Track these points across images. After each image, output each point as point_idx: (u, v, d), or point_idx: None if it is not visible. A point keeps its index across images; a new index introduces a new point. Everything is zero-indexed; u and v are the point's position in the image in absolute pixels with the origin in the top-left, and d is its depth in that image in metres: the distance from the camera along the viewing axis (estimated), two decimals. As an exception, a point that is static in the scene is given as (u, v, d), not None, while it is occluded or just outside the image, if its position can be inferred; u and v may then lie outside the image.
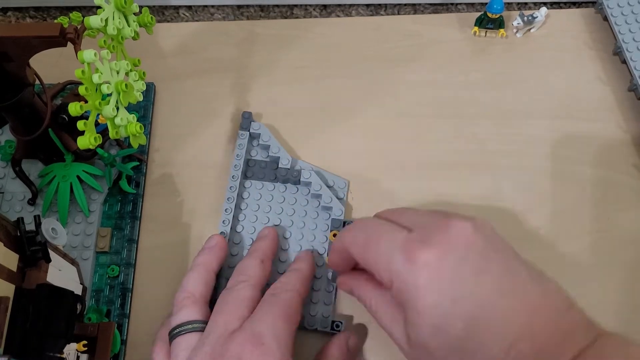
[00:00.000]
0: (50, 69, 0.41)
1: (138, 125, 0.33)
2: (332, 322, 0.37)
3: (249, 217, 0.41)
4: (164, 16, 0.56)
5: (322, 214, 0.41)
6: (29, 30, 0.32)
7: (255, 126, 0.44)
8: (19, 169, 0.42)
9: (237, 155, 0.42)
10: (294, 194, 0.42)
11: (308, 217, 0.41)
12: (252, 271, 0.35)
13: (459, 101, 0.47)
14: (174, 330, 0.33)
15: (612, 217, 0.42)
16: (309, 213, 0.41)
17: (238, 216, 0.41)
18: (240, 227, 0.41)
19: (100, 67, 0.30)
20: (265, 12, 0.56)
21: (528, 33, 0.51)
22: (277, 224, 0.41)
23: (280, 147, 0.43)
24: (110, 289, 0.39)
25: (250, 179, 0.42)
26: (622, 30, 0.48)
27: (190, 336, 0.32)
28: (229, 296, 0.33)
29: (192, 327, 0.32)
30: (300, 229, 0.40)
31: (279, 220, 0.41)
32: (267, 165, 0.43)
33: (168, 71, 0.49)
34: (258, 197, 0.42)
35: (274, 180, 0.42)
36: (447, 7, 0.55)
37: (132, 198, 0.43)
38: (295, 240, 0.40)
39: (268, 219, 0.41)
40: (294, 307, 0.33)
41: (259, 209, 0.41)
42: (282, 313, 0.32)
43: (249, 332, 0.30)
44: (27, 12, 0.56)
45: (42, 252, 0.31)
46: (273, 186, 0.42)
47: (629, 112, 0.46)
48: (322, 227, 0.40)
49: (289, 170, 0.41)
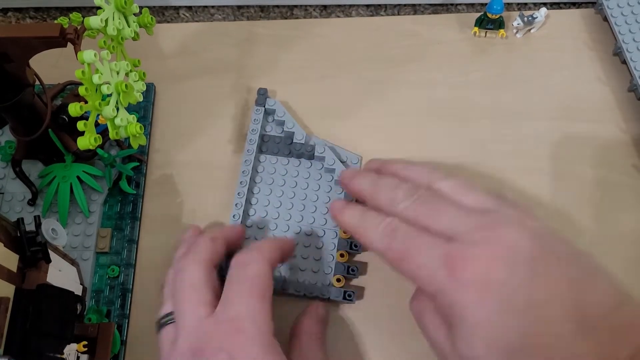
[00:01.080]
0: (50, 69, 0.41)
1: (138, 126, 0.33)
2: (344, 292, 0.37)
3: (263, 191, 0.42)
4: (164, 17, 0.56)
5: (335, 188, 0.41)
6: (29, 30, 0.32)
7: (270, 102, 0.44)
8: (19, 169, 0.42)
9: (252, 130, 0.43)
10: (307, 168, 0.42)
11: (321, 191, 0.41)
12: (200, 248, 0.32)
13: (458, 101, 0.47)
14: (158, 322, 0.32)
15: (612, 217, 0.42)
16: (322, 187, 0.42)
17: (253, 189, 0.42)
18: (255, 199, 0.42)
19: (100, 67, 0.30)
20: (265, 13, 0.56)
21: (528, 33, 0.51)
22: (291, 197, 0.41)
23: (294, 122, 0.43)
24: (110, 290, 0.39)
25: (265, 154, 0.43)
26: (622, 30, 0.48)
27: (170, 328, 0.31)
28: (179, 279, 0.31)
29: (171, 317, 0.32)
30: (313, 202, 0.41)
31: (292, 193, 0.41)
32: (282, 141, 0.43)
33: (168, 72, 0.49)
34: (272, 171, 0.42)
35: (288, 155, 0.43)
36: (447, 8, 0.55)
37: (132, 198, 0.43)
38: (309, 213, 0.41)
39: (282, 192, 0.41)
40: (265, 280, 0.31)
41: (273, 183, 0.42)
42: (255, 291, 0.30)
43: (225, 320, 0.29)
44: (27, 12, 0.56)
45: (42, 253, 0.31)
46: (287, 160, 0.43)
47: (629, 113, 0.46)
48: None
49: (303, 145, 0.42)
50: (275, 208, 0.41)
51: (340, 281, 0.38)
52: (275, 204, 0.41)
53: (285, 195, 0.41)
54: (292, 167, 0.43)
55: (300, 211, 0.41)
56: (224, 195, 0.43)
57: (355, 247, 0.39)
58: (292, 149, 0.43)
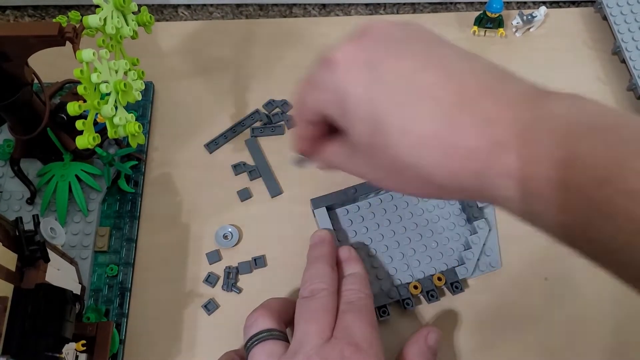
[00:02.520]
0: (49, 68, 0.41)
1: (137, 125, 0.33)
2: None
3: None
4: (162, 15, 0.56)
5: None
6: (28, 29, 0.32)
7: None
8: (18, 168, 0.42)
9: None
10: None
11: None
12: (329, 278, 0.35)
13: (458, 100, 0.47)
14: (256, 337, 0.33)
15: (611, 216, 0.42)
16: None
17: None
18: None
19: (98, 66, 0.30)
20: (264, 11, 0.56)
21: (527, 32, 0.51)
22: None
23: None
24: (109, 289, 0.39)
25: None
26: (621, 29, 0.48)
27: (273, 344, 0.32)
28: (314, 305, 0.33)
29: (274, 334, 0.33)
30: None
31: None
32: None
33: (167, 70, 0.49)
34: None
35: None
36: (447, 6, 0.55)
37: (131, 197, 0.43)
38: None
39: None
40: (371, 311, 0.33)
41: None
42: (367, 320, 0.32)
43: (345, 342, 0.30)
44: (26, 10, 0.56)
45: (40, 252, 0.31)
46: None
47: (628, 112, 0.46)
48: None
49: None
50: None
51: (417, 288, 0.39)
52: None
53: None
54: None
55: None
56: (223, 194, 0.43)
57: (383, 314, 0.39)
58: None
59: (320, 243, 0.38)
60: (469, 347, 0.38)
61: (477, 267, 0.40)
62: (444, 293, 0.40)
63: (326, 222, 0.40)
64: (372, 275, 0.40)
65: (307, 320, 0.32)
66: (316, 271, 0.35)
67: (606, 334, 0.39)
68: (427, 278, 0.39)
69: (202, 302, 0.39)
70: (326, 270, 0.35)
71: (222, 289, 0.40)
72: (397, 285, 0.39)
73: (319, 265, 0.35)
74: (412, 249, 0.41)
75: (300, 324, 0.32)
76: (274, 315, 0.34)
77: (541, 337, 0.39)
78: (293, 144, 0.32)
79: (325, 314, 0.32)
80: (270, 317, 0.33)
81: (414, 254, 0.41)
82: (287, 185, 0.44)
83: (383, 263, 0.41)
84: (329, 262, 0.36)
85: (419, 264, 0.40)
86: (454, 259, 0.41)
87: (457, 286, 0.39)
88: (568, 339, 0.38)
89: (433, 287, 0.39)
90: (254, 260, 0.41)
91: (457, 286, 0.39)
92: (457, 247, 0.41)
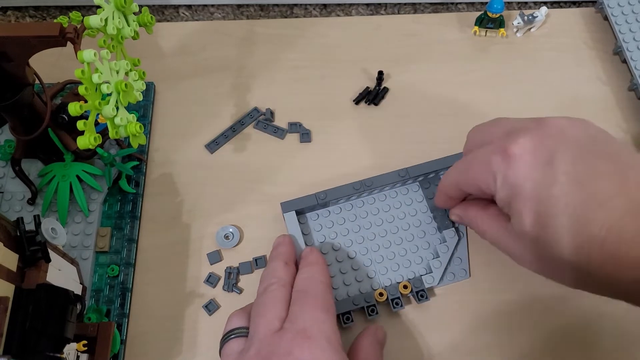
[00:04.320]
0: (50, 68, 0.41)
1: (138, 125, 0.33)
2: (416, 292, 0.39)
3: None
4: (163, 15, 0.56)
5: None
6: (29, 29, 0.32)
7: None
8: (19, 168, 0.42)
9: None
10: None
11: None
12: (280, 273, 0.35)
13: (458, 101, 0.47)
14: (223, 337, 0.33)
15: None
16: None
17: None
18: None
19: (100, 66, 0.30)
20: (265, 12, 0.56)
21: (528, 32, 0.51)
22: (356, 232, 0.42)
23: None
24: (110, 289, 0.39)
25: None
26: (622, 29, 0.48)
27: (235, 341, 0.33)
28: (263, 298, 0.33)
29: (238, 332, 0.33)
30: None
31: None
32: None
33: (168, 71, 0.49)
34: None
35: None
36: (447, 7, 0.55)
37: (132, 198, 0.43)
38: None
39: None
40: (326, 297, 0.33)
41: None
42: (318, 304, 0.32)
43: (293, 330, 0.30)
44: (27, 11, 0.56)
45: (41, 252, 0.31)
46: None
47: (629, 112, 0.46)
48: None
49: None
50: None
51: (382, 295, 0.38)
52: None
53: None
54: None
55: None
56: (224, 194, 0.43)
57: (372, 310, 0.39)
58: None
59: (277, 245, 0.38)
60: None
61: (445, 277, 0.40)
62: (410, 301, 0.39)
63: (295, 225, 0.40)
64: (339, 281, 0.40)
65: (257, 315, 0.33)
66: (269, 269, 0.36)
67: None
68: (393, 285, 0.39)
69: (203, 303, 0.39)
70: (278, 265, 0.36)
71: (223, 289, 0.40)
72: (364, 292, 0.39)
73: (272, 264, 0.36)
74: (381, 256, 0.40)
75: (254, 319, 0.33)
76: (246, 312, 0.34)
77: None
78: (435, 199, 0.38)
79: (274, 306, 0.32)
80: (239, 316, 0.34)
81: (382, 260, 0.40)
82: (287, 184, 0.44)
83: (350, 269, 0.40)
84: (282, 259, 0.36)
85: (386, 270, 0.40)
86: (422, 267, 0.40)
87: (423, 295, 0.39)
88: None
89: (399, 295, 0.38)
90: (254, 261, 0.41)
91: (422, 295, 0.39)
92: (425, 255, 0.41)
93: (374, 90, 0.47)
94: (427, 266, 0.40)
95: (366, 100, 0.47)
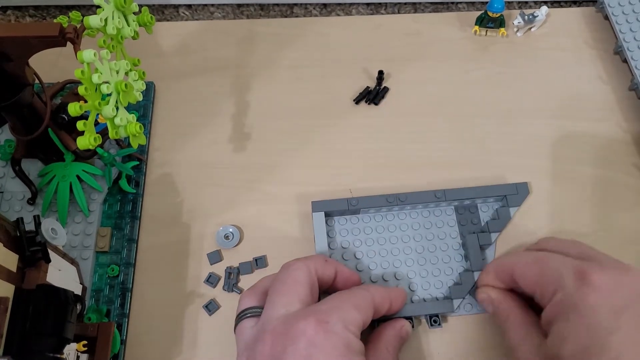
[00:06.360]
0: (50, 68, 0.41)
1: (138, 125, 0.33)
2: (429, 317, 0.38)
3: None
4: (163, 15, 0.56)
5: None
6: (28, 29, 0.32)
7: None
8: (19, 168, 0.42)
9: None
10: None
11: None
12: (313, 258, 0.34)
13: (459, 100, 0.47)
14: (238, 316, 0.33)
15: (612, 217, 0.42)
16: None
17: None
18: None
19: (99, 67, 0.30)
20: (265, 11, 0.56)
21: (529, 32, 0.51)
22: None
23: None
24: (110, 289, 0.39)
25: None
26: (622, 29, 0.48)
27: (249, 321, 0.32)
28: (284, 275, 0.33)
29: (252, 311, 0.33)
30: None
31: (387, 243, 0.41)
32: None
33: (168, 70, 0.49)
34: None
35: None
36: (448, 6, 0.55)
37: (132, 198, 0.43)
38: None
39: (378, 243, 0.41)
40: (366, 303, 0.32)
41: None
42: (353, 302, 0.31)
43: (313, 311, 0.30)
44: (27, 10, 0.56)
45: (41, 253, 0.31)
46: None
47: (629, 112, 0.46)
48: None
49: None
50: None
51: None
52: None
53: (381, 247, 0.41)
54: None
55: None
56: (224, 195, 0.43)
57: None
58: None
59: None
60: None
61: (462, 306, 0.39)
62: (420, 322, 0.38)
63: (321, 226, 0.39)
64: None
65: (274, 291, 0.32)
66: (305, 257, 0.35)
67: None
68: (408, 305, 0.38)
69: (203, 303, 0.39)
70: (319, 257, 0.35)
71: (223, 289, 0.40)
72: None
73: (313, 255, 0.35)
74: (402, 273, 0.40)
75: (270, 295, 0.32)
76: (257, 292, 0.34)
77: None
78: (481, 274, 0.37)
79: (295, 285, 0.32)
80: (250, 296, 0.34)
81: (402, 278, 0.40)
82: (287, 185, 0.44)
83: (369, 280, 0.40)
84: (325, 258, 0.35)
85: (404, 289, 0.39)
86: (440, 292, 0.39)
87: (436, 321, 0.38)
88: None
89: (411, 316, 0.37)
90: (255, 261, 0.41)
91: (435, 321, 0.38)
92: (446, 281, 0.40)
93: (374, 90, 0.47)
94: (446, 292, 0.39)
95: (366, 99, 0.47)
